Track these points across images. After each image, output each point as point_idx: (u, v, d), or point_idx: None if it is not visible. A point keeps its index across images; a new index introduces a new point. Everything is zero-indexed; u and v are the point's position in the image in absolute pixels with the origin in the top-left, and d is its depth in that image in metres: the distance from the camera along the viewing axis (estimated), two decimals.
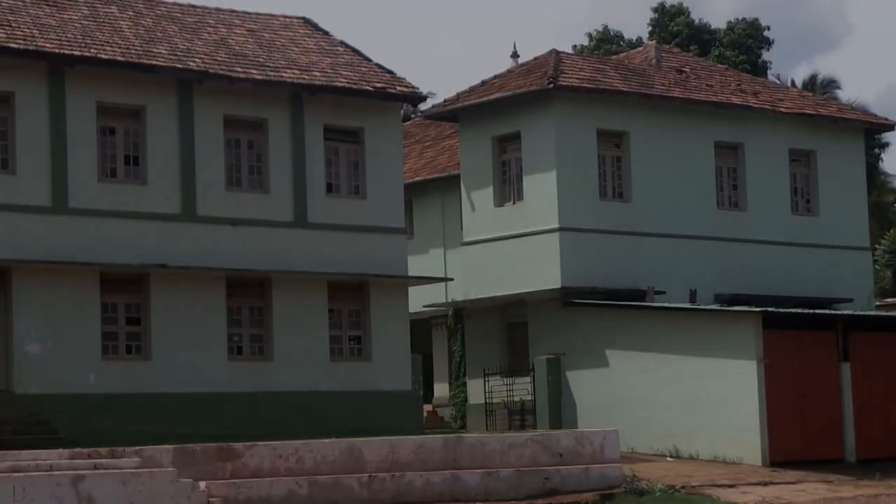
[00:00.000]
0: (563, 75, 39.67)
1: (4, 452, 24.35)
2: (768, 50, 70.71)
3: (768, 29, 70.73)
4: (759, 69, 66.80)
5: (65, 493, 22.74)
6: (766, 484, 30.77)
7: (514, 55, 50.07)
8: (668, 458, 34.84)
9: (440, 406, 44.46)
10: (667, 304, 37.95)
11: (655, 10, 71.00)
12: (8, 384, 31.61)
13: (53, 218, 32.31)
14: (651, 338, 36.69)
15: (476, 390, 41.19)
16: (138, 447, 25.20)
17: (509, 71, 43.03)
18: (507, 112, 40.17)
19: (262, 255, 34.85)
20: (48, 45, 32.64)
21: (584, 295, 38.75)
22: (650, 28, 70.59)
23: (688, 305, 38.01)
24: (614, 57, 50.51)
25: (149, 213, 33.54)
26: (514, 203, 40.27)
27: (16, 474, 22.78)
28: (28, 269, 31.82)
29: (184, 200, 34.09)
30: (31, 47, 32.27)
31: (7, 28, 32.72)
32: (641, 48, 49.96)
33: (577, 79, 39.84)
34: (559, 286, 38.66)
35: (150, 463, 24.55)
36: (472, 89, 42.07)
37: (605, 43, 70.90)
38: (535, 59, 42.36)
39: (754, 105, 42.79)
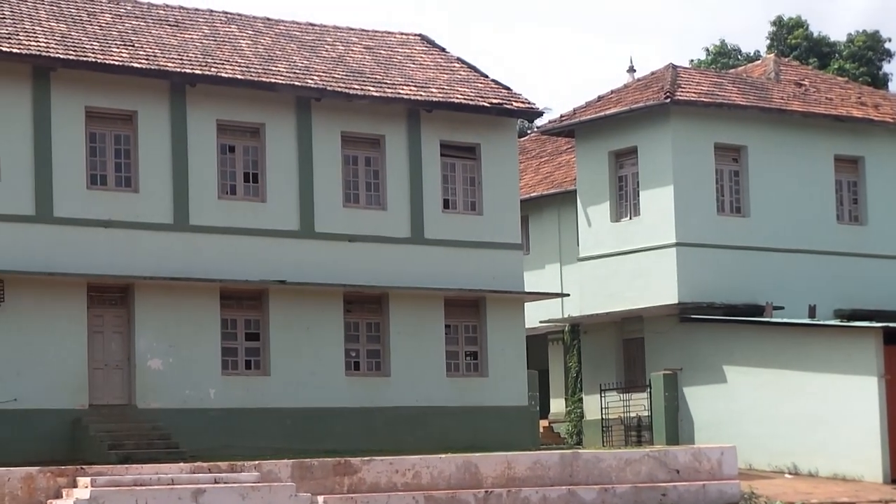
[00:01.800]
0: (681, 89, 39.51)
1: (128, 466, 24.78)
2: (889, 62, 69.83)
3: (889, 41, 69.84)
4: (880, 81, 65.97)
5: None
6: (886, 502, 30.38)
7: (631, 70, 49.95)
8: (787, 475, 34.51)
9: (556, 422, 44.41)
10: (786, 320, 37.58)
11: (773, 23, 70.40)
12: (131, 399, 32.12)
13: (174, 235, 32.77)
14: (769, 353, 36.38)
15: (592, 406, 41.09)
16: (257, 461, 25.49)
17: (626, 86, 42.95)
18: (623, 127, 40.08)
19: (379, 270, 35.06)
20: (170, 64, 33.16)
21: (701, 310, 38.52)
22: (768, 41, 70.00)
23: (807, 321, 37.62)
24: (732, 71, 50.19)
25: (268, 230, 33.90)
26: (630, 218, 40.15)
27: (139, 488, 23.17)
28: (150, 285, 32.31)
29: (302, 217, 34.41)
30: (153, 67, 32.79)
31: (130, 48, 33.30)
32: (759, 61, 49.57)
33: (694, 93, 39.67)
34: (676, 301, 38.46)
35: (268, 477, 24.82)
36: (589, 104, 42.04)
37: (723, 57, 70.45)
38: (652, 73, 42.25)
39: (875, 118, 42.27)
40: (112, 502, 22.69)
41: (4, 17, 32.80)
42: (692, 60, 70.32)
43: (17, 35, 32.01)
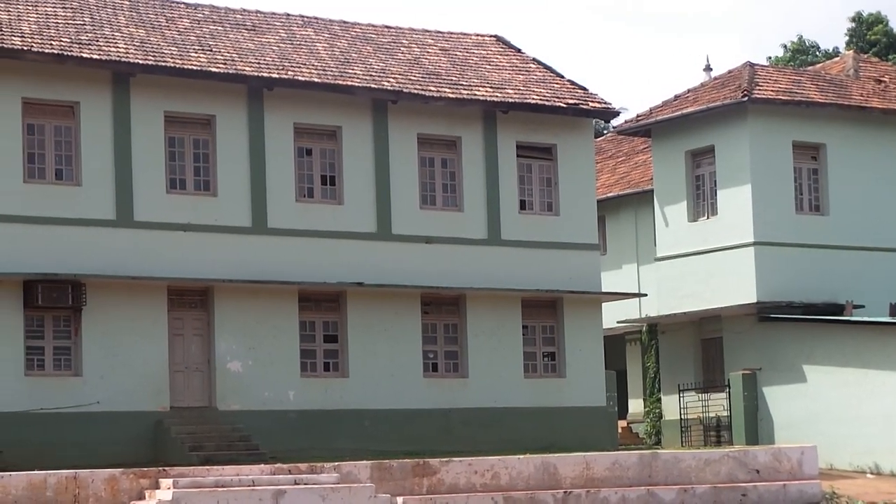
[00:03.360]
0: (758, 88, 39.29)
1: (209, 468, 24.99)
2: None
3: None
4: None
5: None
6: None
7: (708, 68, 49.70)
8: (869, 475, 34.24)
9: (635, 422, 44.29)
10: (866, 319, 37.28)
11: (853, 19, 69.76)
12: (211, 401, 32.38)
13: (253, 238, 33.00)
14: (850, 352, 36.10)
15: (671, 406, 40.96)
16: (336, 462, 25.62)
17: (702, 84, 42.75)
18: (700, 126, 39.91)
19: (456, 272, 35.11)
20: (247, 68, 33.39)
21: (780, 310, 38.29)
22: (847, 38, 69.39)
23: (888, 319, 37.29)
24: (810, 68, 49.81)
25: (345, 232, 34.06)
26: (708, 217, 39.97)
27: (220, 489, 23.38)
28: (229, 288, 32.56)
29: (379, 219, 34.55)
30: (231, 71, 33.04)
31: (208, 53, 33.57)
32: (838, 58, 49.19)
33: (772, 91, 39.42)
34: (755, 301, 38.26)
35: (348, 478, 24.95)
36: (665, 103, 41.90)
37: (801, 54, 69.93)
38: (729, 71, 42.02)
39: None
40: (194, 503, 22.89)
41: (85, 24, 33.18)
42: (770, 58, 69.86)
43: (97, 41, 32.37)
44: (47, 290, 30.51)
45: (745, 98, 38.54)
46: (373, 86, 34.60)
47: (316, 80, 33.99)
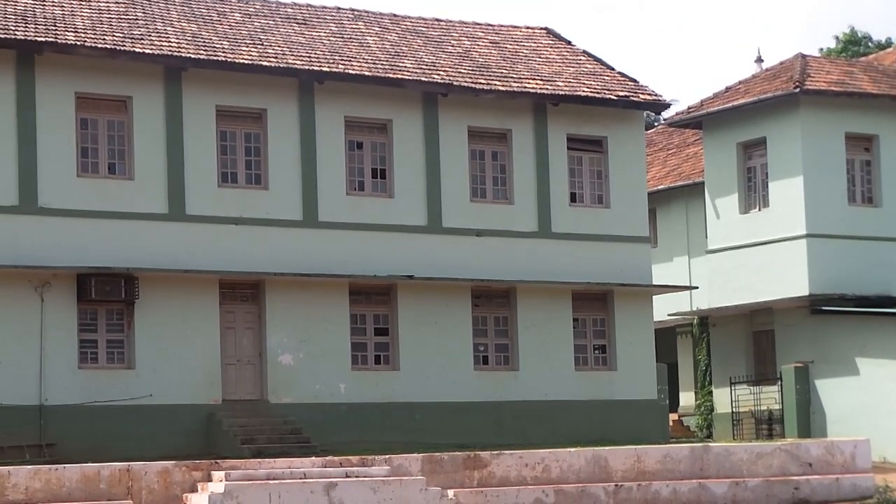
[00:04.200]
0: (810, 79, 39.07)
1: (261, 460, 25.10)
2: None
3: None
4: None
5: (318, 500, 23.35)
6: None
7: (759, 60, 49.47)
8: None
9: (686, 415, 44.18)
10: None
11: None
12: (263, 394, 32.52)
13: (304, 231, 33.10)
14: None
15: (722, 399, 40.84)
16: (387, 455, 25.68)
17: (754, 76, 42.57)
18: (752, 118, 39.73)
19: (507, 265, 35.11)
20: (298, 62, 33.49)
21: (832, 302, 38.07)
22: None
23: None
24: (862, 59, 49.48)
25: (395, 225, 34.10)
26: (759, 210, 39.80)
27: (272, 482, 23.48)
28: (280, 281, 32.68)
29: (430, 212, 34.57)
30: (282, 65, 33.14)
31: (259, 47, 33.69)
32: (891, 49, 48.89)
33: (824, 82, 39.19)
34: (807, 293, 38.07)
35: (399, 471, 25.00)
36: (717, 95, 41.74)
37: (853, 45, 69.42)
38: (781, 63, 41.82)
39: None
40: (246, 496, 23.00)
41: (137, 19, 33.37)
42: (822, 49, 69.42)
43: (150, 36, 32.54)
44: (101, 283, 30.72)
45: (797, 89, 38.34)
46: (423, 79, 34.63)
47: (367, 73, 34.03)
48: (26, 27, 31.19)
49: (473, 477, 25.67)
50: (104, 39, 31.68)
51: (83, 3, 33.51)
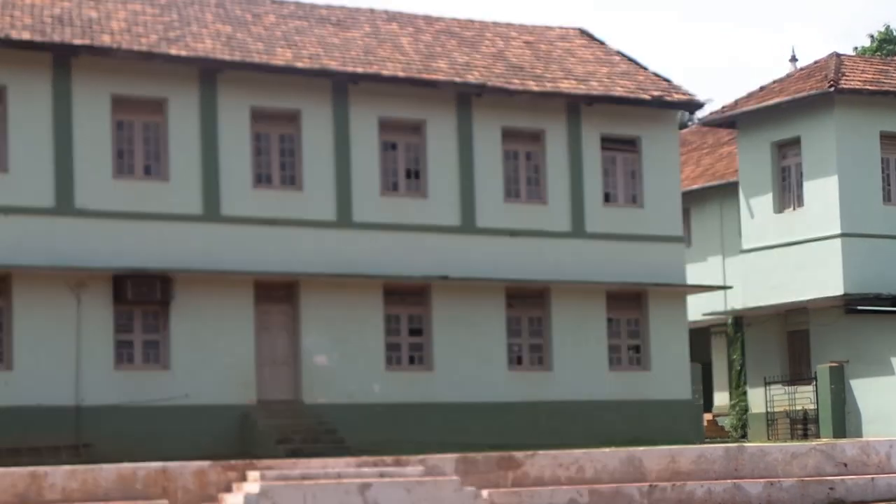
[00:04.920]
0: (845, 78, 38.97)
1: (295, 461, 25.16)
2: None
3: None
4: None
5: (352, 500, 23.39)
6: None
7: (793, 59, 49.38)
8: None
9: (720, 415, 44.11)
10: None
11: None
12: (297, 394, 32.63)
13: (338, 232, 33.20)
14: None
15: (757, 399, 40.76)
16: (422, 456, 25.70)
17: (788, 75, 42.49)
18: (786, 117, 39.66)
19: (541, 265, 35.13)
20: (333, 63, 33.59)
21: (867, 301, 37.96)
22: None
23: None
24: None
25: (430, 226, 34.16)
26: (794, 209, 39.72)
27: (306, 482, 23.53)
28: (315, 282, 32.78)
29: (463, 212, 34.62)
30: (316, 66, 33.25)
31: (294, 48, 33.80)
32: None
33: (859, 81, 39.09)
34: (842, 293, 37.98)
35: (433, 471, 25.02)
36: (751, 95, 41.67)
37: (888, 44, 69.06)
38: (815, 62, 41.73)
39: None
40: (281, 496, 23.07)
41: (172, 21, 33.53)
42: (856, 48, 69.11)
43: (185, 38, 32.70)
44: (136, 284, 30.90)
45: (832, 88, 38.24)
46: (457, 79, 34.68)
47: (400, 74, 34.11)
48: (63, 30, 31.39)
49: (508, 477, 25.67)
50: (140, 42, 31.85)
51: (119, 5, 33.69)
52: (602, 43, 39.93)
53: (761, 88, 41.74)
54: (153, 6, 34.24)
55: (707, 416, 42.03)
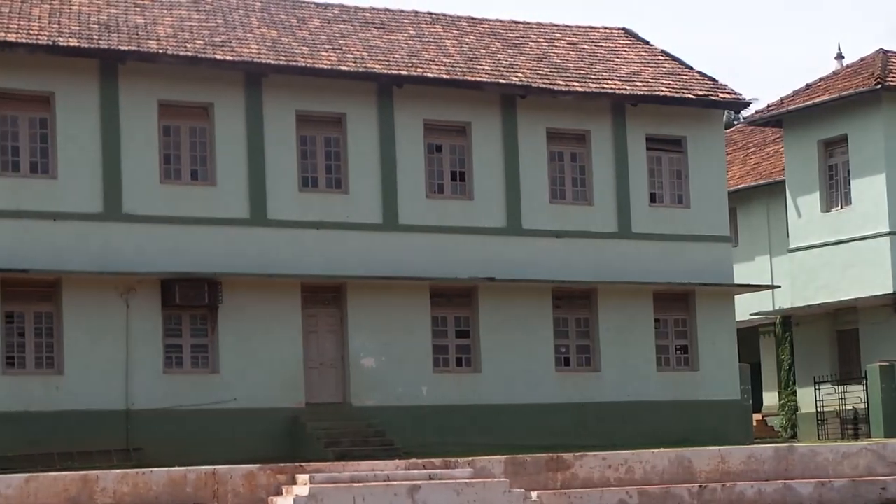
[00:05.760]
0: (892, 75, 38.75)
1: (344, 464, 25.22)
2: None
3: None
4: None
5: (401, 502, 23.41)
6: None
7: (839, 56, 49.01)
8: None
9: (770, 415, 43.91)
10: None
11: None
12: (345, 397, 32.68)
13: (384, 235, 33.24)
14: None
15: (806, 399, 40.55)
16: (470, 458, 25.71)
17: (834, 73, 42.26)
18: (832, 115, 39.45)
19: (587, 266, 35.07)
20: (377, 66, 33.63)
21: None
22: None
23: None
24: None
25: (475, 228, 34.15)
26: (841, 208, 39.52)
27: (355, 485, 23.57)
28: (361, 285, 32.83)
29: (509, 214, 34.59)
30: (360, 69, 33.30)
31: (339, 52, 33.87)
32: None
33: None
34: (891, 291, 37.75)
35: (482, 473, 25.02)
36: (797, 93, 41.48)
37: None
38: (862, 59, 41.49)
39: None
40: (330, 499, 23.11)
41: (218, 27, 33.65)
42: None
43: (230, 43, 32.81)
44: (184, 289, 31.02)
45: (879, 86, 38.02)
46: (501, 81, 34.66)
47: (445, 76, 34.12)
48: (109, 37, 31.57)
49: (556, 478, 25.65)
50: (186, 47, 31.99)
51: (165, 11, 33.85)
52: (646, 43, 39.83)
53: (807, 86, 41.55)
54: (199, 11, 34.38)
55: (756, 417, 41.84)
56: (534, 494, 24.67)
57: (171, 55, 31.51)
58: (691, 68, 38.27)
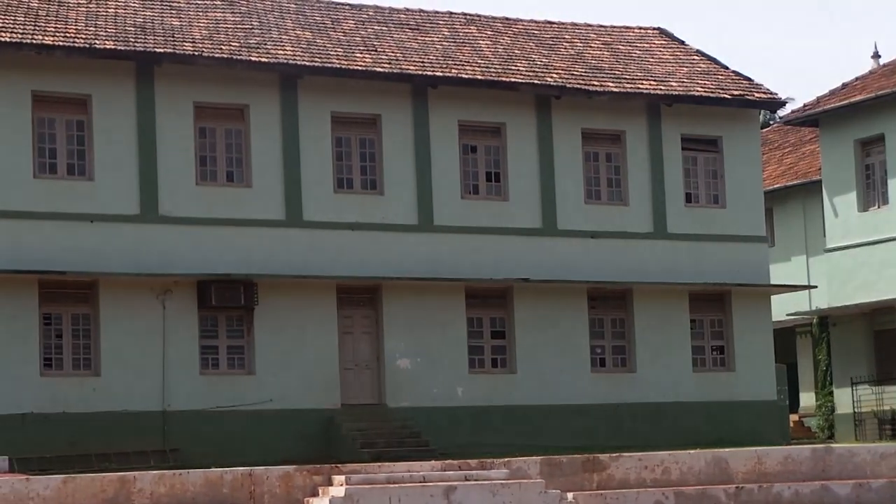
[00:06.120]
0: None
1: (380, 464, 25.22)
2: None
3: None
4: None
5: (437, 503, 23.40)
6: None
7: (876, 55, 48.81)
8: None
9: (806, 416, 43.74)
10: None
11: None
12: (381, 398, 32.72)
13: (419, 236, 33.26)
14: None
15: (843, 400, 40.37)
16: (506, 458, 25.68)
17: (871, 72, 42.07)
18: (869, 114, 39.28)
19: (623, 266, 35.01)
20: (412, 67, 33.65)
21: None
22: None
23: None
24: None
25: (510, 228, 34.14)
26: (878, 207, 39.35)
27: (391, 486, 23.57)
28: (397, 286, 32.85)
29: (544, 215, 34.56)
30: (395, 70, 33.33)
31: (373, 53, 33.92)
32: None
33: None
34: None
35: (518, 474, 24.98)
36: (833, 92, 41.32)
37: None
38: None
39: None
40: (366, 500, 23.12)
41: (253, 28, 33.75)
42: None
43: (265, 45, 32.89)
44: (220, 290, 31.11)
45: None
46: (536, 81, 34.65)
47: (479, 77, 34.13)
48: (146, 39, 31.69)
49: (593, 479, 25.59)
50: (221, 49, 32.09)
51: (200, 13, 33.97)
52: (681, 42, 39.75)
53: (844, 86, 41.38)
54: (234, 13, 34.49)
55: (793, 418, 41.69)
56: (570, 495, 24.62)
57: (206, 57, 31.62)
58: (727, 68, 38.16)
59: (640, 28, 40.31)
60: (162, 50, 31.34)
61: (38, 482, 22.27)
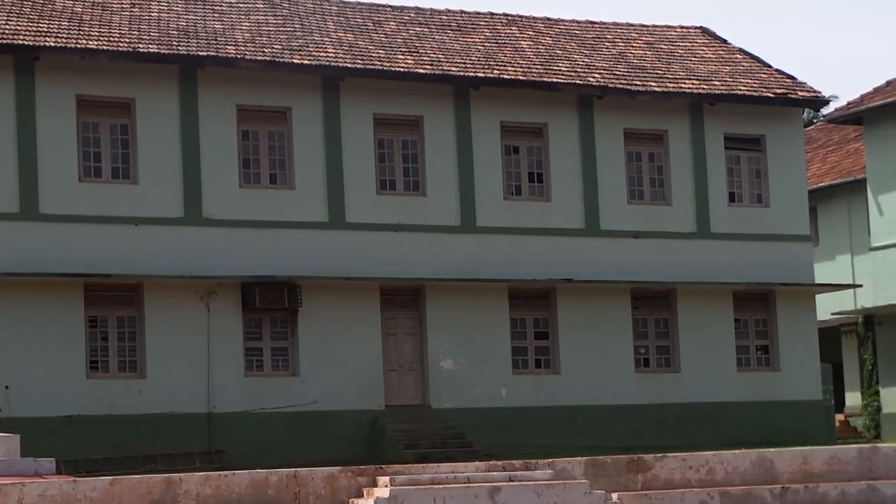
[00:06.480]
0: None
1: (425, 465, 25.23)
2: None
3: None
4: None
5: None
6: None
7: None
8: None
9: (852, 416, 43.51)
10: None
11: None
12: (425, 399, 32.76)
13: (462, 236, 33.28)
14: None
15: (890, 399, 40.14)
16: (550, 459, 25.65)
17: None
18: None
19: (666, 266, 34.93)
20: (454, 68, 33.68)
21: None
22: None
23: None
24: None
25: (553, 229, 34.12)
26: None
27: (436, 486, 23.58)
28: (440, 287, 32.88)
29: (587, 215, 34.54)
30: (437, 72, 33.37)
31: (415, 54, 33.96)
32: None
33: None
34: None
35: (562, 475, 24.95)
36: (877, 90, 41.08)
37: None
38: None
39: None
40: (411, 501, 23.14)
41: (295, 31, 33.85)
42: None
43: (308, 47, 32.99)
44: (264, 292, 31.22)
45: None
46: (578, 82, 34.61)
47: (521, 77, 34.12)
48: (188, 42, 31.84)
49: (637, 480, 25.53)
50: (263, 52, 32.20)
51: (242, 17, 34.10)
52: (724, 41, 39.62)
53: (888, 83, 41.14)
54: (276, 16, 34.60)
55: (839, 417, 41.49)
56: (614, 496, 24.57)
57: (249, 60, 31.75)
58: (770, 66, 38.02)
59: (683, 27, 40.20)
60: (205, 53, 31.49)
61: (86, 484, 22.40)
